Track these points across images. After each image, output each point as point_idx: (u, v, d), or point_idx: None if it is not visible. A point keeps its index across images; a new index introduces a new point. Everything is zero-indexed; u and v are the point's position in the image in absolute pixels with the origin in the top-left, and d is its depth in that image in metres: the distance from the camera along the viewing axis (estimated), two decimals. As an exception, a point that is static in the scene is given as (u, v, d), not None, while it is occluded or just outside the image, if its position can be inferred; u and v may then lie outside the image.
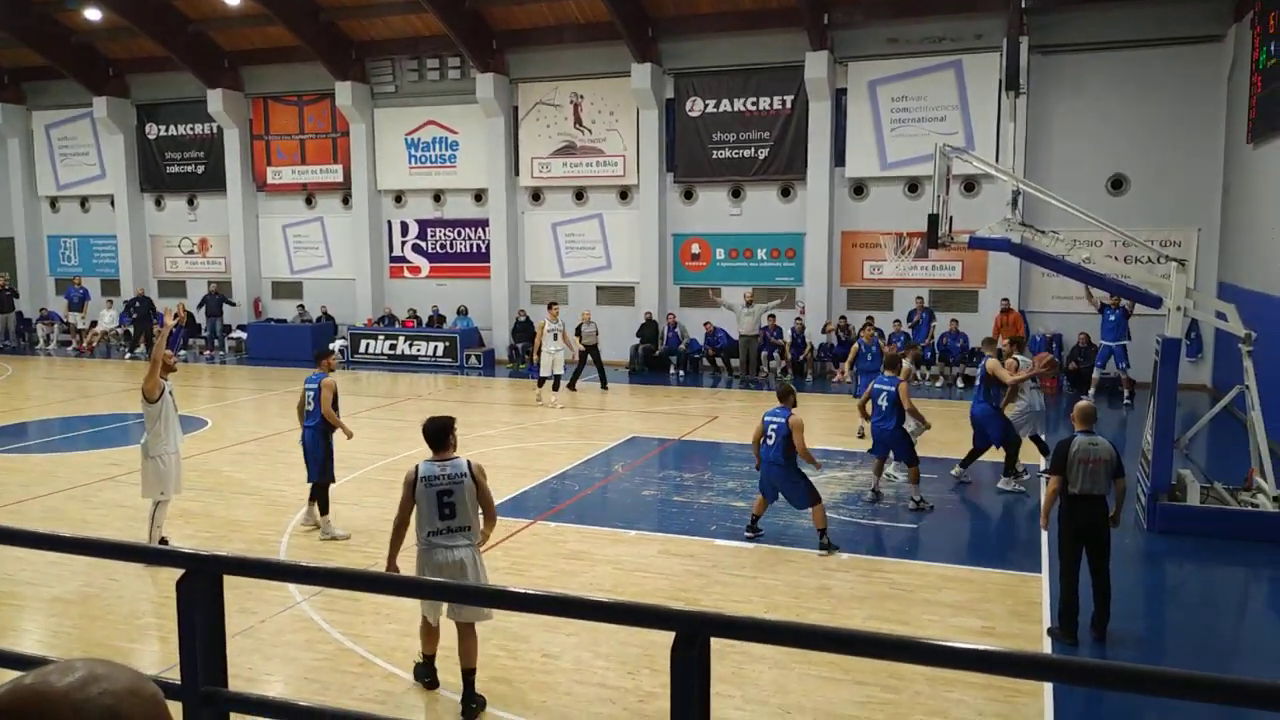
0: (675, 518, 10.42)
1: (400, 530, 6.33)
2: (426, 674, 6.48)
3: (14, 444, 14.50)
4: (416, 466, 6.33)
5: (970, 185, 19.47)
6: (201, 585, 2.87)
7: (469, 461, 6.37)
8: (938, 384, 19.48)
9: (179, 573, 2.81)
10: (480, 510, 6.32)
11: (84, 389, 19.92)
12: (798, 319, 20.44)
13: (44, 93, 27.13)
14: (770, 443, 9.29)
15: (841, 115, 20.50)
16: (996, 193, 18.12)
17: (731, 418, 16.12)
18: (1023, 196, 12.48)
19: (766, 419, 9.39)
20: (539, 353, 17.56)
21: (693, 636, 2.32)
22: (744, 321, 19.84)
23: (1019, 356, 12.25)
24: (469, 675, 6.15)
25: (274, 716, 3.36)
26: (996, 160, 17.83)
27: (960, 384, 19.27)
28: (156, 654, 6.96)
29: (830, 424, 15.16)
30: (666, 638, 2.30)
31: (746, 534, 9.55)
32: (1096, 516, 7.28)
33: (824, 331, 20.39)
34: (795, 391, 9.68)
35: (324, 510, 9.73)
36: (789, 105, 20.88)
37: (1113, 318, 17.65)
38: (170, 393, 8.98)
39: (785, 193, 21.37)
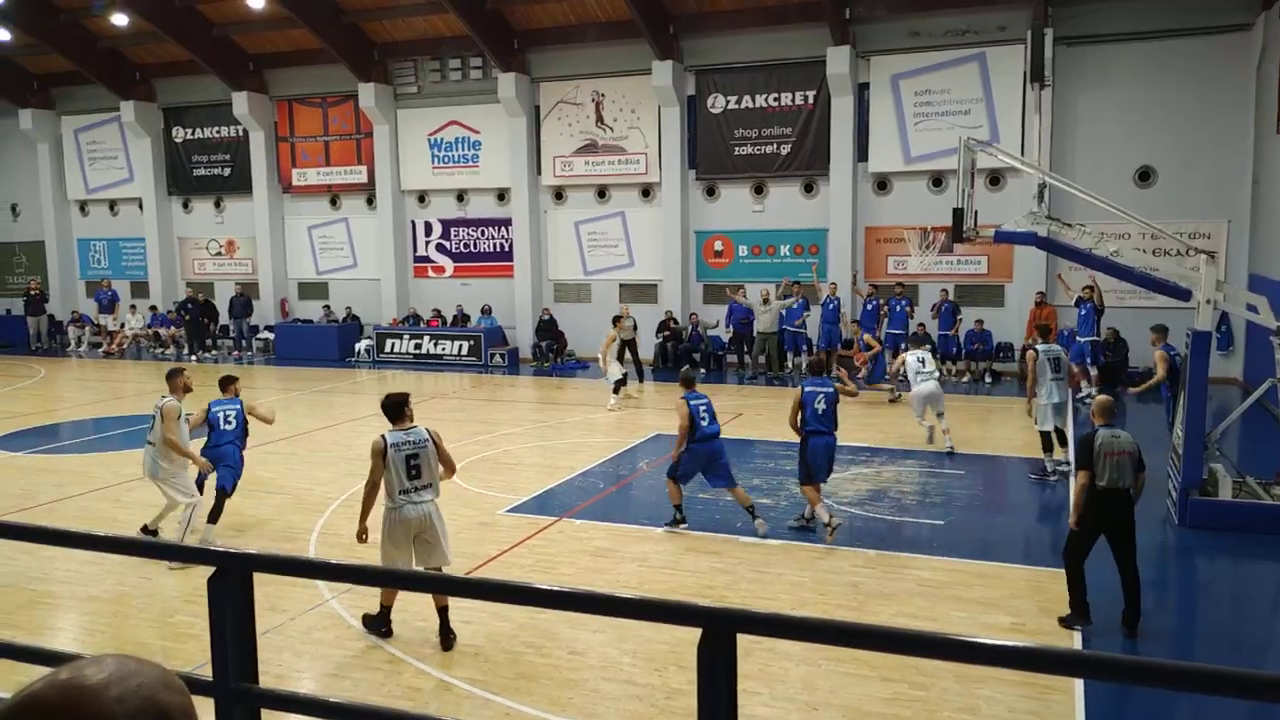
0: (701, 515, 10.41)
1: (372, 494, 7.09)
2: (383, 623, 7.15)
3: (47, 445, 14.71)
4: (383, 436, 7.09)
5: (995, 179, 19.33)
6: (232, 583, 2.90)
7: (427, 429, 7.26)
8: (964, 379, 19.34)
9: (209, 571, 2.84)
10: (441, 467, 7.22)
11: (115, 390, 20.17)
12: (831, 284, 20.29)
13: (72, 98, 27.48)
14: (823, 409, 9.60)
15: (864, 110, 20.39)
16: (1022, 186, 17.95)
17: (756, 414, 16.08)
18: (1048, 189, 12.34)
19: (808, 390, 9.62)
20: (606, 359, 17.20)
21: (720, 633, 2.32)
22: (762, 319, 19.82)
23: (1037, 347, 12.13)
24: (444, 612, 7.04)
25: (305, 713, 3.40)
26: (1022, 153, 17.66)
27: (988, 379, 19.14)
28: (188, 651, 7.03)
29: (857, 420, 15.09)
30: (693, 634, 2.30)
31: (797, 524, 9.67)
32: (1123, 510, 7.23)
33: (852, 286, 20.30)
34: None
35: (215, 519, 9.51)
36: (811, 101, 20.80)
37: (1083, 312, 17.46)
38: (186, 417, 9.40)
39: (808, 188, 21.29)
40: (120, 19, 23.10)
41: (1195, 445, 9.84)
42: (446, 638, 7.03)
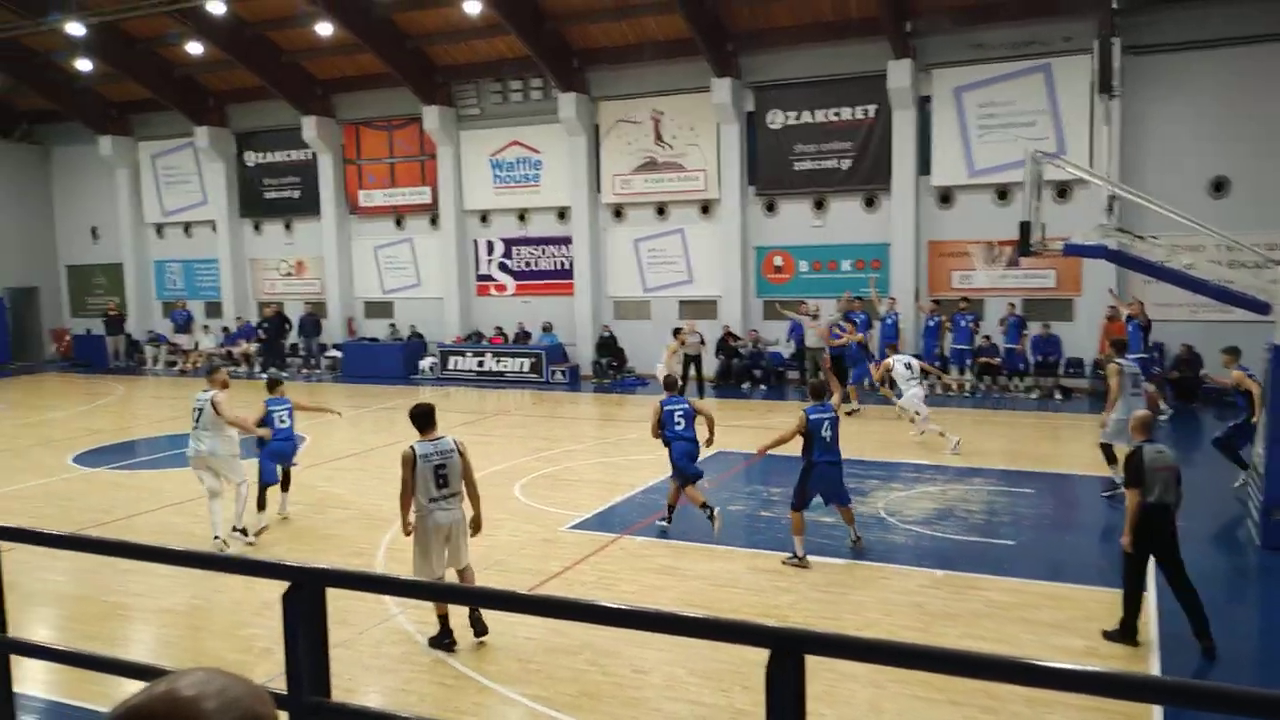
0: (764, 533, 10.35)
1: (406, 500, 7.34)
2: (446, 636, 7.26)
3: (124, 461, 15.17)
4: (412, 447, 7.33)
5: (1063, 191, 18.95)
6: (306, 598, 2.97)
7: (454, 440, 7.46)
8: (1033, 395, 18.94)
9: (276, 584, 2.91)
10: (464, 486, 7.42)
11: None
12: (890, 299, 20.04)
13: (149, 124, 28.43)
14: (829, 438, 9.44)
15: (926, 123, 20.17)
16: (1090, 198, 17.57)
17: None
18: (1118, 201, 12.09)
19: (814, 418, 9.37)
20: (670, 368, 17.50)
21: (789, 654, 2.31)
22: (810, 334, 19.68)
23: (1119, 360, 11.78)
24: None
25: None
26: (1090, 165, 17.33)
27: (1057, 395, 18.71)
28: (259, 664, 7.18)
29: (925, 437, 14.88)
30: (758, 654, 2.29)
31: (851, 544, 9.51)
32: (1169, 524, 7.24)
33: (916, 304, 20.00)
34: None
35: (286, 488, 11.27)
36: (872, 115, 20.65)
37: (1130, 329, 16.95)
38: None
39: (869, 203, 21.11)
40: (195, 47, 23.87)
41: (1277, 464, 9.51)
42: (477, 625, 7.28)
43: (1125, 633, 7.27)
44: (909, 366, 14.77)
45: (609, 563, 9.46)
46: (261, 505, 10.90)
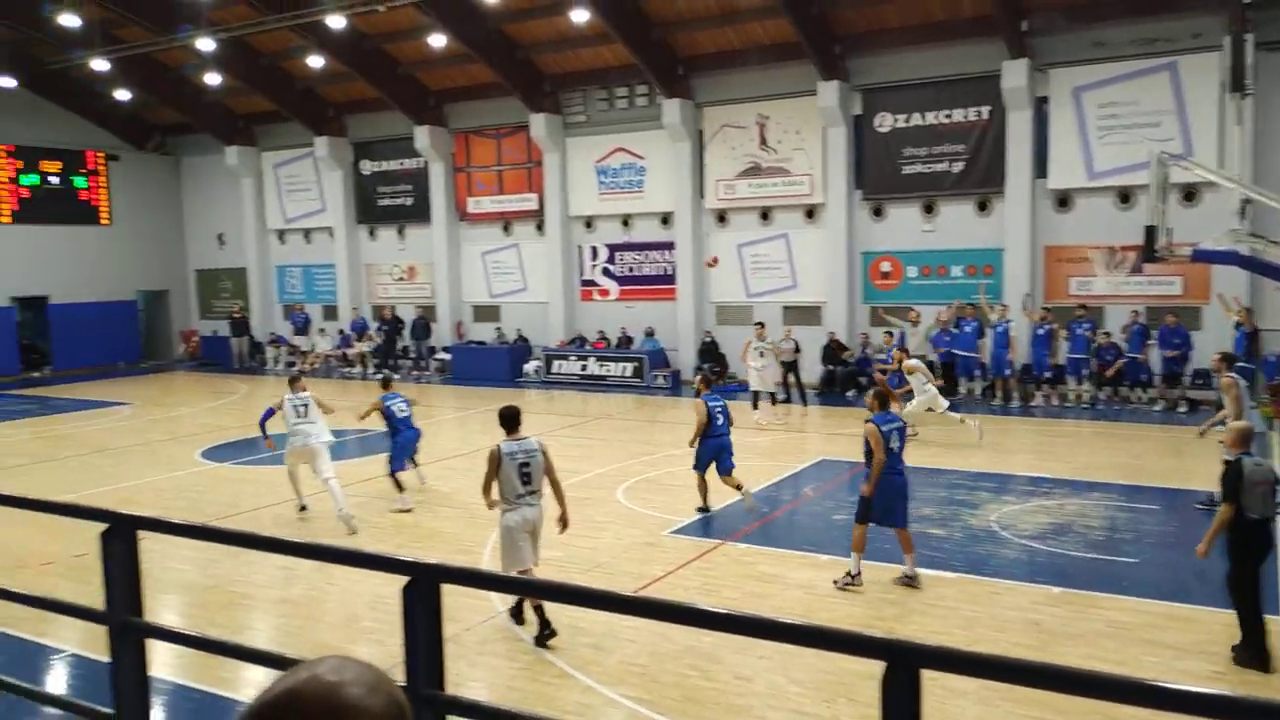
0: (870, 544, 10.13)
1: (489, 490, 7.78)
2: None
3: (247, 457, 15.82)
4: (498, 445, 7.73)
5: (1190, 194, 18.07)
6: (424, 593, 3.05)
7: (538, 440, 7.89)
8: (1157, 407, 18.10)
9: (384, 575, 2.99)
10: (548, 480, 7.81)
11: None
12: (1003, 306, 19.39)
13: (272, 135, 29.69)
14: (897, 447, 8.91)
15: (1043, 124, 19.51)
16: (1220, 201, 16.70)
17: (922, 440, 15.56)
18: (1251, 205, 11.48)
19: (885, 429, 8.84)
20: (746, 360, 18.29)
21: (904, 667, 2.26)
22: (909, 342, 19.23)
23: (1232, 374, 11.19)
24: (542, 608, 7.51)
25: (486, 722, 3.51)
26: (1220, 166, 16.48)
27: (1183, 408, 17.82)
28: (369, 656, 7.38)
29: (1040, 449, 14.40)
30: (862, 665, 2.25)
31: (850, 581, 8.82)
32: (1270, 542, 7.00)
33: (1024, 312, 19.22)
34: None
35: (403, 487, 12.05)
36: (985, 116, 20.09)
37: (1237, 335, 15.94)
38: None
39: (982, 207, 20.54)
40: (315, 61, 24.81)
41: None
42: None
43: (1255, 657, 6.90)
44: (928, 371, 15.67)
45: (711, 568, 9.43)
46: (401, 487, 11.94)
